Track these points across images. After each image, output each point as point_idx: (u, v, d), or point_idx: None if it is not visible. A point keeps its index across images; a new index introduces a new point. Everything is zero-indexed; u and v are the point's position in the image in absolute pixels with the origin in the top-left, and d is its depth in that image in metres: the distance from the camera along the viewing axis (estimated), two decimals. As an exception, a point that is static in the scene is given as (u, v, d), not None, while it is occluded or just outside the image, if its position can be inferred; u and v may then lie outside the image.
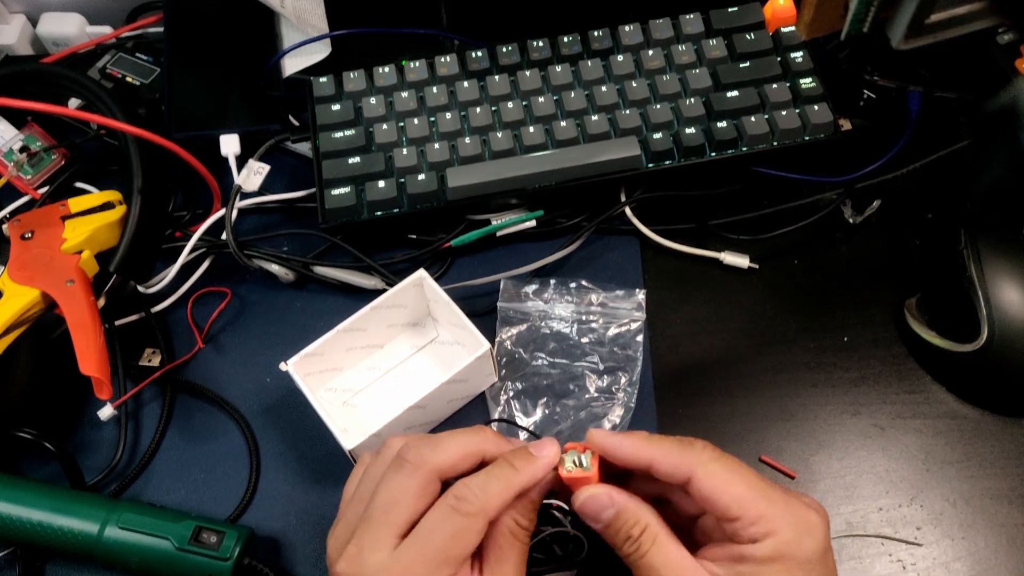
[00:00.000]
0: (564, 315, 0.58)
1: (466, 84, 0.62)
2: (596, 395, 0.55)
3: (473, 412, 0.56)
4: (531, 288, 0.58)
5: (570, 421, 0.54)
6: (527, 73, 0.62)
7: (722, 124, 0.59)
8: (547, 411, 0.54)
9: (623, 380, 0.55)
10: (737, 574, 0.37)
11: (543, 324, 0.57)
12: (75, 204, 0.59)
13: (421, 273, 0.55)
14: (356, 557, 0.38)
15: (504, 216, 0.60)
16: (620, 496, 0.40)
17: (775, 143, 0.59)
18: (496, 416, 0.55)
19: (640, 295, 0.58)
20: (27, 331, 0.55)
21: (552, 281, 0.59)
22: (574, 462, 0.41)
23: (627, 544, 0.39)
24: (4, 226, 0.59)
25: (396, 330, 0.58)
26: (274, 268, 0.60)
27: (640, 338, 0.57)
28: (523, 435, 0.54)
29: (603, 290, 0.58)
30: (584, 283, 0.59)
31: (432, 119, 0.61)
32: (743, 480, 0.38)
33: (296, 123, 0.66)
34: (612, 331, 0.57)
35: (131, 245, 0.58)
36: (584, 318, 0.58)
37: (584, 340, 0.57)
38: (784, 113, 0.59)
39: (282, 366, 0.52)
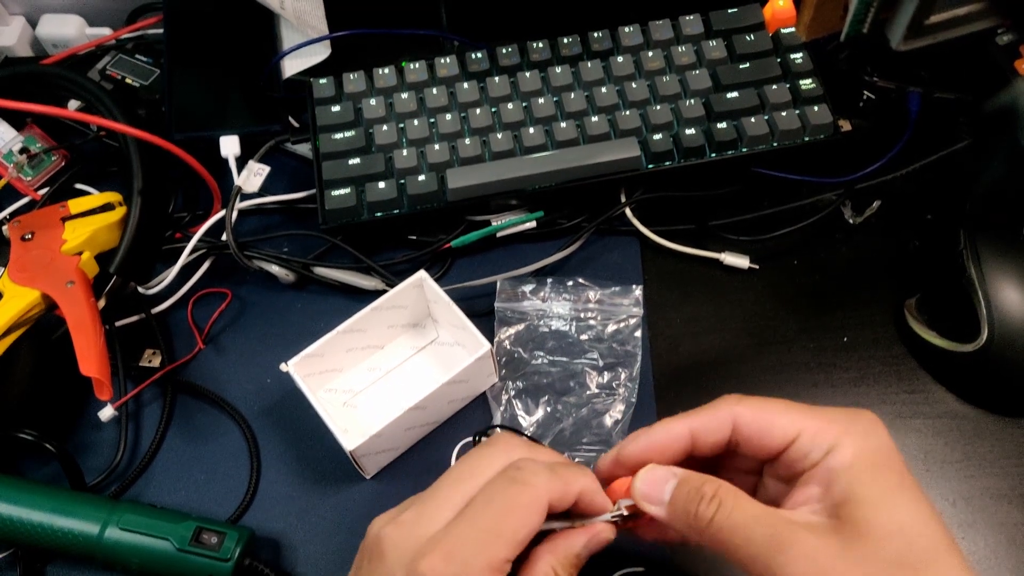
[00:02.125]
0: (562, 313, 0.58)
1: (466, 85, 0.62)
2: (597, 391, 0.55)
3: (474, 413, 0.56)
4: (528, 287, 0.58)
5: (572, 418, 0.54)
6: (527, 74, 0.62)
7: (722, 125, 0.59)
8: (549, 409, 0.55)
9: (623, 376, 0.55)
10: (832, 501, 0.33)
11: (541, 323, 0.57)
12: (75, 205, 0.59)
13: (421, 274, 0.55)
14: (410, 523, 0.34)
15: (504, 217, 0.60)
16: (677, 468, 0.36)
17: (775, 144, 0.59)
18: (499, 416, 0.55)
19: (637, 291, 0.58)
20: (27, 332, 0.55)
21: (549, 280, 0.59)
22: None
23: (703, 506, 0.34)
24: (4, 227, 0.59)
25: (396, 331, 0.58)
26: (274, 269, 0.60)
27: (638, 333, 0.57)
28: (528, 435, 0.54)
29: (600, 287, 0.58)
30: (581, 280, 0.59)
31: (432, 120, 0.61)
32: (783, 404, 0.36)
33: (296, 124, 0.66)
34: (611, 327, 0.57)
35: (131, 246, 0.58)
36: (582, 315, 0.58)
37: (583, 337, 0.57)
38: (784, 114, 0.59)
39: (282, 367, 0.52)
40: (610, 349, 0.56)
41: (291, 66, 0.64)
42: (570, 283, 0.59)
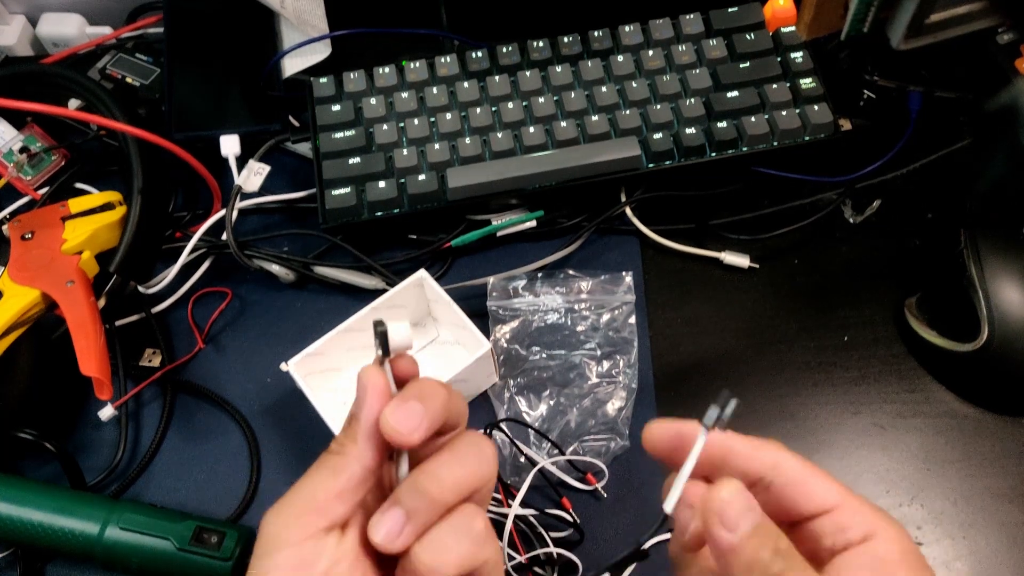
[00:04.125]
0: (555, 306, 0.58)
1: (466, 84, 0.62)
2: (597, 381, 0.55)
3: (475, 412, 0.56)
4: (520, 284, 0.58)
5: (576, 410, 0.54)
6: (527, 73, 0.62)
7: (722, 124, 0.59)
8: (552, 403, 0.55)
9: (622, 363, 0.55)
10: None
11: (535, 318, 0.58)
12: (75, 205, 0.59)
13: (421, 273, 0.55)
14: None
15: (504, 216, 0.60)
16: (756, 504, 0.31)
17: (775, 143, 0.59)
18: (503, 415, 0.55)
19: (628, 277, 0.58)
20: (27, 332, 0.55)
21: (539, 275, 0.59)
22: None
23: (776, 561, 0.30)
24: (4, 227, 0.59)
25: (396, 330, 0.57)
26: (274, 268, 0.60)
27: (633, 319, 0.57)
28: (531, 433, 0.54)
29: (590, 277, 0.58)
30: (571, 272, 0.59)
31: (432, 119, 0.61)
32: (822, 470, 0.33)
33: (296, 123, 0.66)
34: (605, 316, 0.57)
35: (131, 245, 0.58)
36: (576, 307, 0.58)
37: (579, 328, 0.57)
38: (784, 113, 0.59)
39: (283, 366, 0.52)
40: (606, 338, 0.56)
41: (291, 65, 0.64)
42: (561, 276, 0.59)
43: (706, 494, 0.31)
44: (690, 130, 0.59)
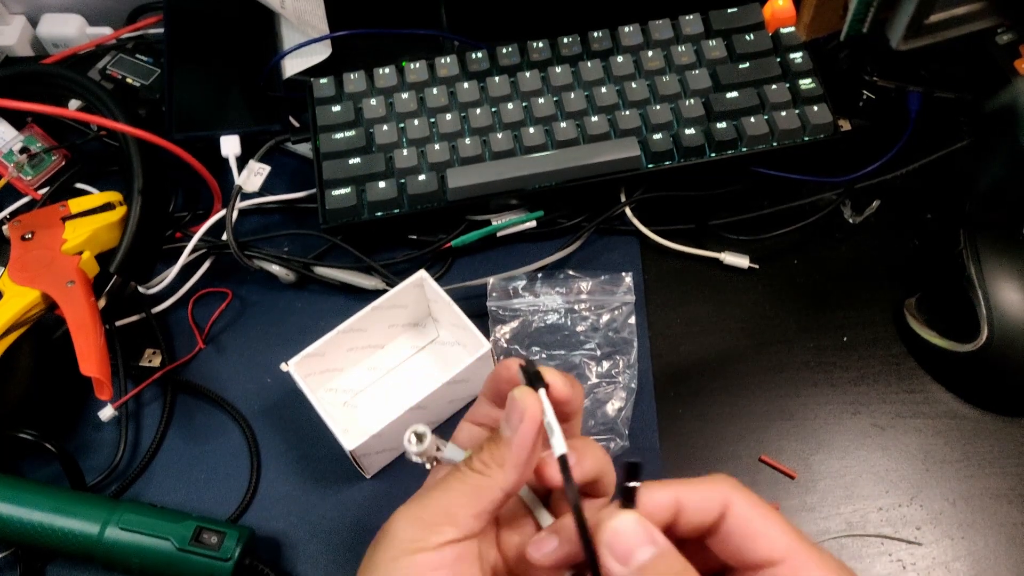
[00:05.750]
0: (555, 307, 0.58)
1: (466, 85, 0.62)
2: (597, 381, 0.55)
3: (473, 412, 0.56)
4: (519, 284, 0.59)
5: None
6: (527, 74, 0.62)
7: (722, 125, 0.59)
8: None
9: (621, 363, 0.55)
10: None
11: (535, 318, 0.58)
12: (75, 205, 0.59)
13: (422, 273, 0.55)
14: None
15: (504, 216, 0.60)
16: (661, 536, 0.30)
17: (775, 143, 0.59)
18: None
19: (628, 278, 0.58)
20: (28, 332, 0.55)
21: (539, 275, 0.59)
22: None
23: None
24: (4, 227, 0.59)
25: (397, 330, 0.58)
26: (275, 269, 0.60)
27: (632, 320, 0.57)
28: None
29: (590, 277, 0.59)
30: (571, 272, 0.59)
31: (432, 120, 0.61)
32: (777, 515, 0.31)
33: (296, 124, 0.66)
34: (605, 317, 0.57)
35: (131, 246, 0.58)
36: (575, 307, 0.58)
37: (579, 328, 0.57)
38: (784, 114, 0.59)
39: (283, 366, 0.52)
40: (606, 338, 0.56)
41: (291, 66, 0.64)
42: (561, 276, 0.59)
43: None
44: (690, 130, 0.59)
